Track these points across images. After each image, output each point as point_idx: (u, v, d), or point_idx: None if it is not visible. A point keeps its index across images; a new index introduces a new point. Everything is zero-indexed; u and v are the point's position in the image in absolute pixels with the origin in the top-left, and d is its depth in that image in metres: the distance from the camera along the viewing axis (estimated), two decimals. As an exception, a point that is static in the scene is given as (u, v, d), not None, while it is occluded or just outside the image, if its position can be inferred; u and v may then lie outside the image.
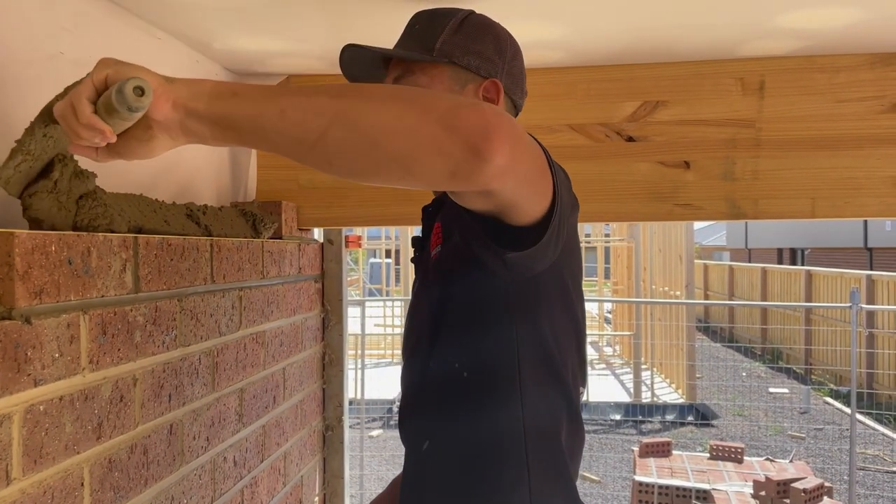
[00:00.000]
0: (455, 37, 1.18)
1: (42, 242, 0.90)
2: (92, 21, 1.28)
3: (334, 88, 0.86)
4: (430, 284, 1.24)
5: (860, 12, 1.46)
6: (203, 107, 0.84)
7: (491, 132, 0.80)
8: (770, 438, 7.92)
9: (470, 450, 1.16)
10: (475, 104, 0.83)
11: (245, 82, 0.88)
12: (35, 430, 0.89)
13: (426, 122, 0.81)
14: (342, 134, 0.82)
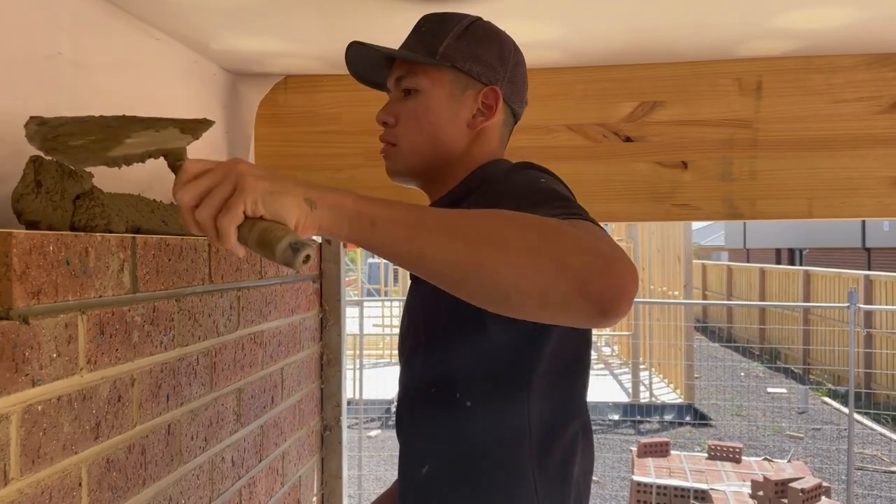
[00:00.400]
0: (459, 41, 1.22)
1: (40, 243, 0.90)
2: (90, 21, 1.29)
3: (471, 230, 0.84)
4: (429, 289, 1.17)
5: (857, 12, 1.46)
6: (345, 234, 0.87)
7: (622, 297, 0.80)
8: (768, 438, 7.94)
9: (475, 455, 1.14)
10: (608, 263, 0.81)
11: (386, 201, 0.88)
12: (33, 430, 0.89)
13: (560, 284, 0.80)
14: (477, 286, 0.85)
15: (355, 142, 1.91)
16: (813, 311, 11.29)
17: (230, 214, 0.82)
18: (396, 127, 1.25)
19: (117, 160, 0.95)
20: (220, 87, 1.80)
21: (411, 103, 1.23)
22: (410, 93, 1.23)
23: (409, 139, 1.23)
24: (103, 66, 1.32)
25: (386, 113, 1.26)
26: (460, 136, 1.23)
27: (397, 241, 0.85)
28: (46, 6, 1.18)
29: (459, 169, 1.24)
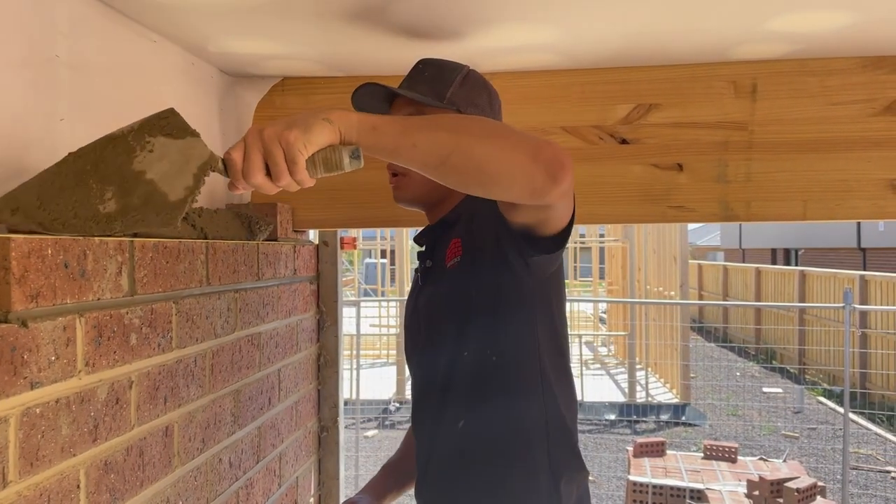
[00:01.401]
0: (461, 89, 1.44)
1: (38, 246, 0.91)
2: (87, 24, 1.29)
3: (449, 123, 1.15)
4: (446, 290, 1.44)
5: (851, 16, 1.47)
6: (354, 138, 1.08)
7: (563, 164, 1.09)
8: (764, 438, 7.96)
9: (499, 437, 1.36)
10: (549, 142, 1.12)
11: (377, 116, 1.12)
12: (31, 432, 0.89)
13: (519, 154, 1.10)
14: (458, 160, 1.09)
15: (352, 144, 1.91)
16: (808, 311, 11.32)
17: (298, 167, 1.04)
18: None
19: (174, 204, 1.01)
20: (217, 89, 1.81)
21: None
22: None
23: (419, 174, 1.39)
24: (100, 68, 1.33)
25: None
26: None
27: (395, 136, 1.09)
28: (44, 9, 1.18)
29: (455, 196, 1.48)
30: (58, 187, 0.99)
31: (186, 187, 1.01)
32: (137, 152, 1.02)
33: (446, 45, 1.62)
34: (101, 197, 0.99)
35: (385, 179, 1.90)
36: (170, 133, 1.04)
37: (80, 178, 1.00)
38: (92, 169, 1.01)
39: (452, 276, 1.42)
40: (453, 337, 1.40)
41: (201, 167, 1.02)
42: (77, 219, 0.98)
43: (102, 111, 1.33)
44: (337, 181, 1.91)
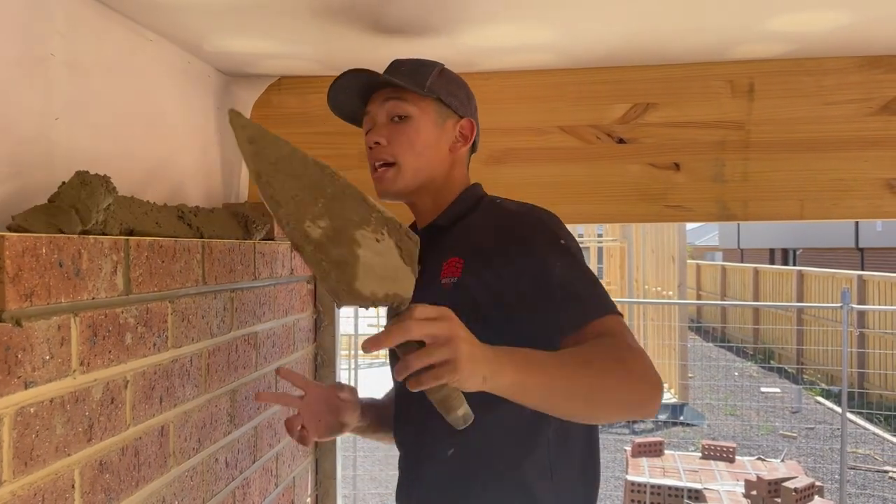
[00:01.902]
0: (440, 79, 1.41)
1: (33, 245, 0.90)
2: (83, 23, 1.29)
3: (584, 388, 1.12)
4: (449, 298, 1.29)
5: (847, 15, 1.47)
6: (501, 395, 1.07)
7: (657, 409, 1.17)
8: (762, 438, 7.96)
9: (497, 444, 1.31)
10: (656, 390, 1.15)
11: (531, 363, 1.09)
12: (25, 432, 0.89)
13: (632, 409, 1.17)
14: (581, 416, 1.19)
15: (349, 143, 1.91)
16: (806, 310, 11.33)
17: (434, 379, 0.99)
18: (389, 146, 1.38)
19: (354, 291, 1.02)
20: (213, 88, 1.81)
21: (403, 126, 1.38)
22: (401, 119, 1.38)
23: (409, 160, 1.38)
24: (97, 67, 1.32)
25: (377, 134, 1.39)
26: (444, 160, 1.42)
27: (537, 400, 1.10)
28: (40, 8, 1.18)
29: (444, 191, 1.43)
30: (294, 172, 1.04)
31: (372, 293, 1.02)
32: (368, 228, 1.05)
33: (443, 44, 1.62)
34: (315, 219, 1.03)
35: (382, 179, 1.90)
36: (401, 247, 1.07)
37: (315, 188, 1.04)
38: (328, 194, 1.05)
39: (447, 296, 1.25)
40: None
41: (392, 295, 1.03)
42: (290, 204, 1.02)
43: (98, 110, 1.33)
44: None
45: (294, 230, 1.03)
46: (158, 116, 1.54)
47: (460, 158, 1.46)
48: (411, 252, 1.08)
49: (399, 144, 1.38)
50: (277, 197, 1.02)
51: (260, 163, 1.03)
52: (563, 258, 1.25)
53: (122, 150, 1.40)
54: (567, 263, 1.25)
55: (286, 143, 1.06)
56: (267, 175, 1.02)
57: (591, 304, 1.22)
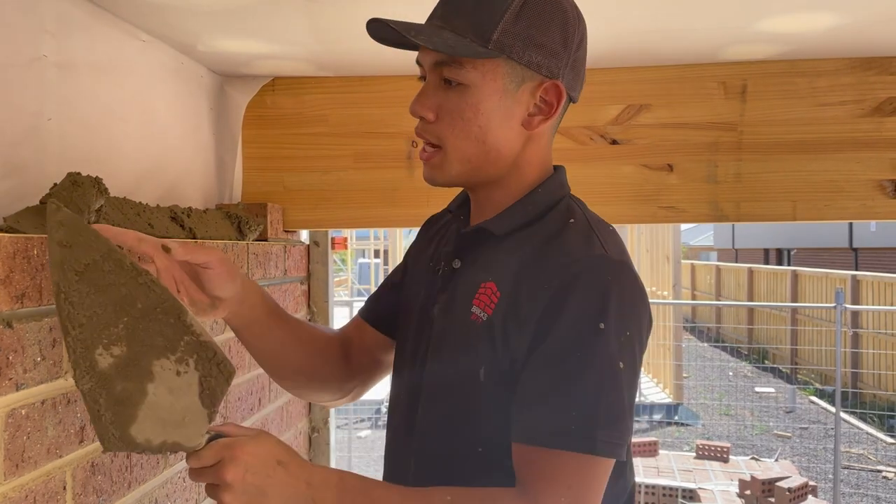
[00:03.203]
0: (517, 25, 0.99)
1: (24, 247, 0.90)
2: (75, 24, 1.28)
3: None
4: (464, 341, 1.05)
5: (839, 17, 1.48)
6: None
7: None
8: (756, 437, 7.99)
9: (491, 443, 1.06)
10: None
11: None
12: (17, 434, 0.89)
13: None
14: None
15: (343, 143, 1.91)
16: (801, 310, 11.36)
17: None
18: (436, 124, 1.04)
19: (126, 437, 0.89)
20: (207, 88, 1.80)
21: (456, 98, 1.01)
22: (453, 84, 1.02)
23: (458, 145, 1.03)
24: (89, 68, 1.32)
25: (422, 105, 1.04)
26: (513, 139, 1.04)
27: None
28: (30, 8, 1.17)
29: (511, 181, 1.08)
30: (101, 283, 0.89)
31: (146, 440, 0.90)
32: (172, 357, 0.92)
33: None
34: (110, 345, 0.89)
35: (375, 179, 1.90)
36: (204, 385, 0.93)
37: (121, 304, 0.90)
38: (136, 311, 0.90)
39: (473, 333, 1.03)
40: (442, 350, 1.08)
41: (171, 444, 0.91)
42: (84, 327, 0.88)
43: (90, 111, 1.32)
44: (328, 181, 1.91)
45: (79, 359, 0.87)
46: (151, 117, 1.54)
47: (539, 136, 1.07)
48: (215, 392, 0.94)
49: (448, 124, 1.03)
50: (74, 316, 0.87)
51: (64, 272, 0.87)
52: (585, 356, 0.95)
53: (114, 151, 1.40)
54: (578, 366, 0.95)
55: (104, 243, 0.90)
56: (68, 288, 0.87)
57: (551, 425, 0.93)
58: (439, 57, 1.01)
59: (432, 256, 1.19)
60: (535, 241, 1.05)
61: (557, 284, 0.97)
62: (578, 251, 1.01)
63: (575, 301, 0.96)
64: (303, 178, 1.92)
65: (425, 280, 1.17)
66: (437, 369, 1.08)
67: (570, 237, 1.03)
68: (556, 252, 1.02)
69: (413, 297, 1.19)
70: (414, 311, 1.16)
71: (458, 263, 1.11)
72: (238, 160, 1.90)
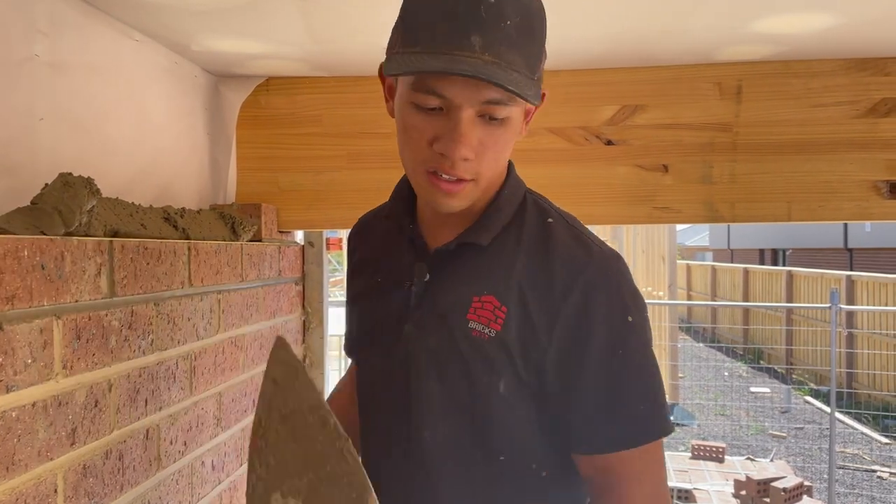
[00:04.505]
0: (543, 50, 0.98)
1: (14, 247, 0.90)
2: (68, 23, 1.27)
3: None
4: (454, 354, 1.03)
5: (833, 18, 1.48)
6: None
7: None
8: (751, 438, 7.99)
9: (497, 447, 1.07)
10: None
11: None
12: (7, 436, 0.88)
13: None
14: None
15: (336, 144, 1.90)
16: (796, 311, 11.38)
17: None
18: (475, 160, 0.97)
19: None
20: (201, 88, 1.80)
21: (499, 133, 0.96)
22: (496, 121, 0.95)
23: (490, 176, 1.01)
24: (82, 68, 1.31)
25: (469, 148, 0.95)
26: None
27: None
28: (23, 7, 1.17)
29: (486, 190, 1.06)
30: (300, 434, 0.87)
31: None
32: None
33: (431, 45, 1.62)
34: (287, 494, 0.86)
35: (369, 179, 1.89)
36: None
37: (312, 461, 0.86)
38: (323, 473, 0.85)
39: (480, 349, 1.01)
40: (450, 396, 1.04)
41: None
42: (271, 469, 0.86)
43: (83, 111, 1.32)
44: (322, 182, 1.90)
45: (255, 497, 0.87)
46: (144, 117, 1.53)
47: None
48: None
49: (490, 159, 0.97)
50: (264, 455, 0.87)
51: (270, 410, 0.88)
52: (626, 351, 1.00)
53: (107, 151, 1.39)
54: (624, 362, 0.99)
55: (315, 396, 0.88)
56: (267, 426, 0.87)
57: (627, 429, 0.99)
58: (498, 96, 0.92)
59: (392, 270, 1.12)
60: (523, 248, 1.04)
61: (572, 293, 0.99)
62: (577, 255, 1.02)
63: (599, 306, 0.99)
64: (297, 178, 1.91)
65: (388, 296, 1.10)
66: (439, 389, 1.03)
67: (559, 240, 1.03)
68: (554, 259, 1.01)
69: (375, 314, 1.13)
70: (379, 329, 1.11)
71: (428, 277, 1.07)
72: (232, 160, 1.90)
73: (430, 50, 0.90)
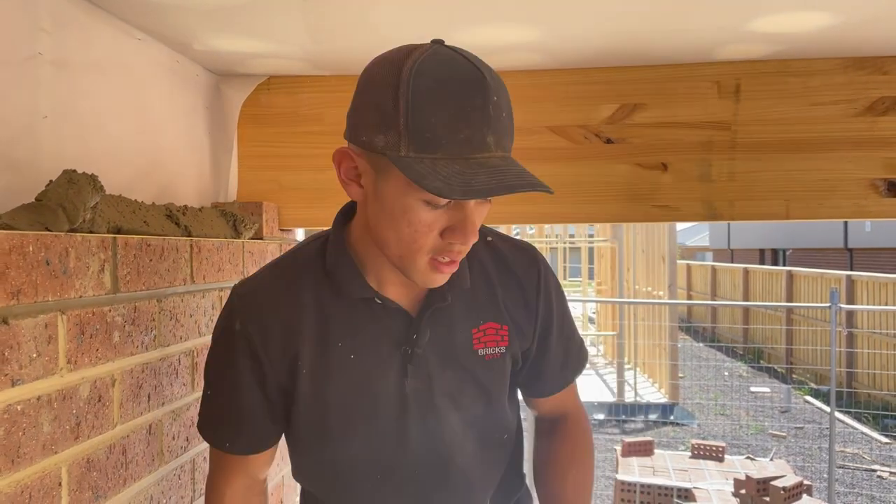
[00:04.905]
0: None
1: (20, 243, 0.91)
2: (71, 22, 1.29)
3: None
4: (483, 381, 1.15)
5: (831, 17, 1.49)
6: None
7: None
8: (751, 437, 8.00)
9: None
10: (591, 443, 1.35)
11: None
12: (12, 430, 0.89)
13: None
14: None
15: (337, 142, 1.90)
16: (796, 310, 11.39)
17: None
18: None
19: None
20: (202, 87, 1.81)
21: (486, 207, 1.02)
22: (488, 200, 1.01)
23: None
24: (84, 66, 1.32)
25: (475, 234, 1.00)
26: None
27: None
28: (26, 6, 1.18)
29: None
30: None
31: None
32: None
33: (432, 44, 1.63)
34: None
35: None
36: None
37: None
38: None
39: (495, 368, 1.16)
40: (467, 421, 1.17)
41: None
42: None
43: (86, 109, 1.33)
44: (323, 180, 1.91)
45: None
46: (147, 115, 1.54)
47: None
48: None
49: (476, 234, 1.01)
50: None
51: None
52: (567, 313, 1.27)
53: (110, 149, 1.40)
54: (569, 320, 1.27)
55: None
56: None
57: (575, 365, 1.29)
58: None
59: (367, 342, 1.10)
60: (490, 273, 1.17)
61: (538, 290, 1.20)
62: (523, 258, 1.21)
63: (552, 286, 1.22)
64: (298, 176, 1.92)
65: (375, 369, 1.11)
66: (459, 416, 1.15)
67: (506, 253, 1.20)
68: (513, 271, 1.19)
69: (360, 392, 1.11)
70: (369, 399, 1.11)
71: (429, 334, 1.11)
72: (233, 159, 1.91)
73: (453, 155, 0.91)
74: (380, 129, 0.94)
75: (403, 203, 0.96)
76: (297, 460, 1.19)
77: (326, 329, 1.09)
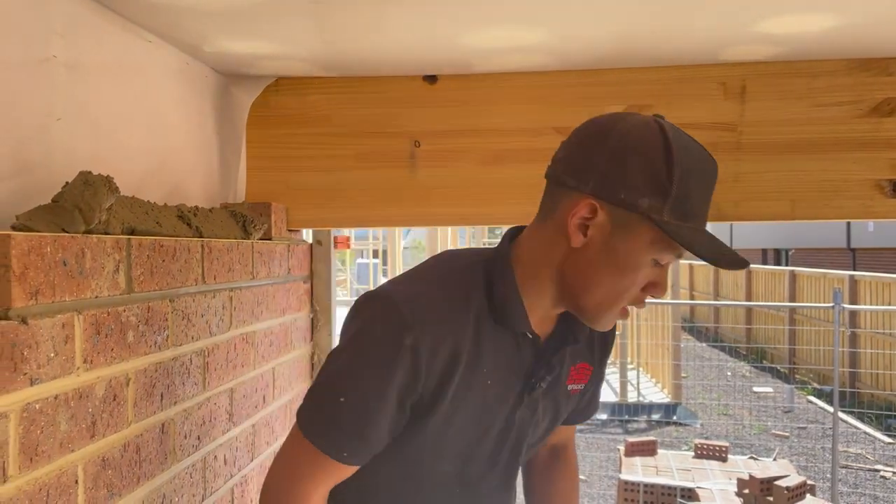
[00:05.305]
0: None
1: (38, 244, 0.92)
2: (83, 24, 1.30)
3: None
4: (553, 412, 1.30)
5: (836, 18, 1.50)
6: None
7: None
8: (754, 437, 8.01)
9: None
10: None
11: None
12: (31, 428, 0.90)
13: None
14: None
15: (346, 143, 1.92)
16: (798, 310, 11.38)
17: None
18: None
19: None
20: (211, 88, 1.82)
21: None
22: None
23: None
24: (97, 68, 1.34)
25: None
26: None
27: None
28: (40, 9, 1.19)
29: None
30: None
31: None
32: None
33: (440, 46, 1.64)
34: None
35: (377, 179, 1.92)
36: None
37: None
38: None
39: (572, 402, 1.36)
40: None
41: None
42: None
43: (98, 111, 1.34)
44: (331, 181, 1.93)
45: None
46: (157, 117, 1.56)
47: None
48: None
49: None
50: None
51: None
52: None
53: (121, 150, 1.42)
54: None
55: None
56: None
57: (597, 404, 1.48)
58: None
59: (505, 369, 1.17)
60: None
61: (610, 334, 1.38)
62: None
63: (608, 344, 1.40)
64: (306, 177, 1.94)
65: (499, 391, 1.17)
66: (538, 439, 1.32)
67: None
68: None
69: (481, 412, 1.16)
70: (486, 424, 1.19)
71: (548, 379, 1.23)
72: (242, 160, 1.92)
73: (699, 227, 1.09)
74: (646, 192, 1.04)
75: (637, 259, 1.07)
76: (375, 469, 1.14)
77: (478, 353, 1.12)
